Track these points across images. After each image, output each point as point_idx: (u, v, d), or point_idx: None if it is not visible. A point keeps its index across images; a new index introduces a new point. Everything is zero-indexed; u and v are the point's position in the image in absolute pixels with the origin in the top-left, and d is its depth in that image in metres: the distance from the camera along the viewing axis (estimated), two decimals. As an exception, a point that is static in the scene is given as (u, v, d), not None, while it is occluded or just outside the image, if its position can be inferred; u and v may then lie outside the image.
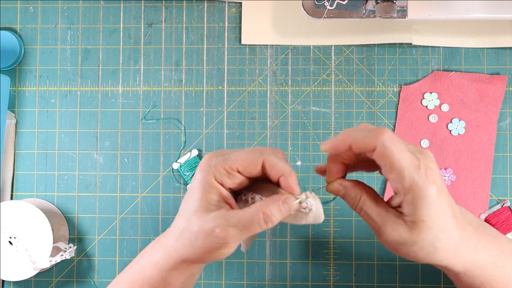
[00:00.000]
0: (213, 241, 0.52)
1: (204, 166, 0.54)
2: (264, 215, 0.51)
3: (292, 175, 0.53)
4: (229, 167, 0.53)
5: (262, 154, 0.53)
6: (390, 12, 0.69)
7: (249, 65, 0.80)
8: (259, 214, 0.51)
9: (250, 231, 0.52)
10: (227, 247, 0.52)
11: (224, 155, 0.54)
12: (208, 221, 0.52)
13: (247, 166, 0.53)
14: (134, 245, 0.79)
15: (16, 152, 0.81)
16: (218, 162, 0.53)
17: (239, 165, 0.53)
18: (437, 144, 0.78)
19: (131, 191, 0.80)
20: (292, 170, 0.53)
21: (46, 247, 0.74)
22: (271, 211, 0.52)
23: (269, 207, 0.52)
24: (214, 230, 0.51)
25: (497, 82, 0.78)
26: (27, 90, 0.81)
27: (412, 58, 0.79)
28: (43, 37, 0.81)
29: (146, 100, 0.80)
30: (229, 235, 0.51)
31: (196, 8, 0.81)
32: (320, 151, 0.79)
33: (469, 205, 0.77)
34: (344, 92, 0.79)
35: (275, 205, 0.52)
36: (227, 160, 0.53)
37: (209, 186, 0.53)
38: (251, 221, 0.51)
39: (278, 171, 0.53)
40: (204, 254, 0.53)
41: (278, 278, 0.78)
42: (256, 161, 0.53)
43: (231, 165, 0.53)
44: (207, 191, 0.53)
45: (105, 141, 0.80)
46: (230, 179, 0.53)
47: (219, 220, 0.51)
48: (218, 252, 0.52)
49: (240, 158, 0.53)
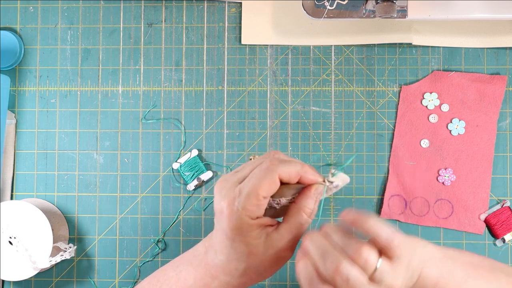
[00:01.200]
0: (279, 261, 0.55)
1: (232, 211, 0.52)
2: (306, 214, 0.54)
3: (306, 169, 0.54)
4: (256, 200, 0.52)
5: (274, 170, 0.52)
6: (390, 12, 0.69)
7: (249, 65, 0.80)
8: (302, 216, 0.54)
9: (302, 232, 0.54)
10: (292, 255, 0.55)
11: (242, 191, 0.52)
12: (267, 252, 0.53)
13: (268, 190, 0.52)
14: (134, 245, 0.79)
15: (16, 152, 0.81)
16: (244, 202, 0.51)
17: (262, 192, 0.52)
18: (437, 144, 0.78)
19: (131, 191, 0.80)
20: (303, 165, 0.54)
21: (46, 247, 0.74)
22: (309, 207, 0.54)
23: (306, 205, 0.54)
24: (278, 255, 0.54)
25: (497, 82, 0.78)
26: (27, 90, 0.81)
27: (412, 58, 0.79)
28: (43, 37, 0.81)
29: (146, 100, 0.80)
30: (291, 249, 0.54)
31: (196, 8, 0.81)
32: (320, 152, 0.79)
33: (469, 205, 0.77)
34: (344, 92, 0.79)
35: (309, 200, 0.54)
36: (250, 196, 0.51)
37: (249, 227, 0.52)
38: (300, 225, 0.54)
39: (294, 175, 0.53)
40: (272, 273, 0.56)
41: (278, 278, 0.78)
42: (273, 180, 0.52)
43: (256, 197, 0.51)
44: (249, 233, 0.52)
45: (105, 141, 0.80)
46: (261, 210, 0.53)
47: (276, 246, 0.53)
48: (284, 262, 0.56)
49: (259, 186, 0.51)
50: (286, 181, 0.53)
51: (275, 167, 0.52)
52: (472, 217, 0.77)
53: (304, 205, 0.54)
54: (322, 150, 0.79)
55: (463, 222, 0.77)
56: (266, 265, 0.54)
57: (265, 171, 0.52)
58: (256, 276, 0.55)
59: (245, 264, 0.54)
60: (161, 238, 0.79)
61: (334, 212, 0.78)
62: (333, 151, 0.79)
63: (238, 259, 0.54)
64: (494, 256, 0.77)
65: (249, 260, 0.54)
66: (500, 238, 0.77)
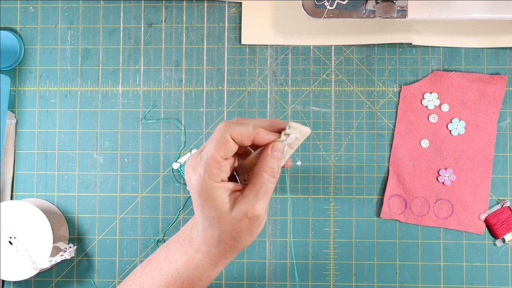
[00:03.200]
0: (252, 223, 0.56)
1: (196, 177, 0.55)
2: (267, 173, 0.55)
3: (258, 130, 0.55)
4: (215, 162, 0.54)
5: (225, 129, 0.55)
6: (390, 12, 0.69)
7: (249, 65, 0.80)
8: (263, 175, 0.55)
9: (269, 193, 0.56)
10: (264, 219, 0.56)
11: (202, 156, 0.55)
12: (237, 215, 0.55)
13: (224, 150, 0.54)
14: (134, 245, 0.79)
15: (16, 152, 0.81)
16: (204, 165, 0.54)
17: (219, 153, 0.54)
18: (437, 144, 0.78)
19: (131, 191, 0.80)
20: (255, 127, 0.55)
21: (46, 247, 0.74)
22: (269, 166, 0.55)
23: (265, 164, 0.55)
24: (247, 216, 0.55)
25: (497, 82, 0.78)
26: (27, 90, 0.81)
27: (412, 58, 0.79)
28: (43, 37, 0.81)
29: (146, 100, 0.80)
30: (259, 210, 0.55)
31: (196, 8, 0.81)
32: (320, 152, 0.79)
33: (469, 205, 0.77)
34: (344, 92, 0.79)
35: (268, 159, 0.55)
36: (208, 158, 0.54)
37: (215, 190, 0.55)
38: (264, 186, 0.55)
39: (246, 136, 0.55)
40: (251, 238, 0.57)
41: (278, 278, 0.78)
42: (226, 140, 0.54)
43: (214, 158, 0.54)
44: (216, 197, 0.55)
45: (105, 141, 0.80)
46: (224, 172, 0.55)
47: (243, 207, 0.55)
48: (259, 228, 0.57)
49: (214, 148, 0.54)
50: (239, 142, 0.55)
51: (226, 127, 0.55)
52: (472, 217, 0.77)
53: (263, 164, 0.55)
54: (322, 150, 0.79)
55: (463, 222, 0.77)
56: (238, 229, 0.55)
57: (217, 133, 0.55)
58: (233, 242, 0.57)
59: (218, 230, 0.56)
60: (161, 238, 0.79)
61: (334, 212, 0.78)
62: (333, 151, 0.79)
63: (211, 225, 0.56)
64: (494, 256, 0.77)
65: (220, 225, 0.56)
66: (500, 238, 0.77)
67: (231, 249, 0.58)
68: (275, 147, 0.55)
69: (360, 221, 0.78)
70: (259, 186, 0.55)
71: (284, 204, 0.79)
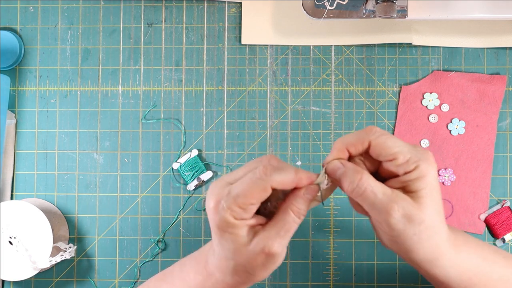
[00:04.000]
0: (267, 260, 0.54)
1: (218, 210, 0.53)
2: (293, 212, 0.53)
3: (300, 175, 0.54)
4: (243, 204, 0.52)
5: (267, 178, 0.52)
6: (390, 12, 0.69)
7: (249, 65, 0.80)
8: (289, 214, 0.53)
9: (290, 232, 0.54)
10: (280, 257, 0.54)
11: (231, 192, 0.53)
12: (253, 250, 0.53)
13: (257, 197, 0.52)
14: (134, 245, 0.79)
15: (16, 152, 0.81)
16: (230, 202, 0.52)
17: (250, 199, 0.52)
18: (437, 144, 0.78)
19: (131, 191, 0.80)
20: (297, 171, 0.54)
21: (46, 247, 0.74)
22: (297, 206, 0.53)
23: (294, 204, 0.54)
24: (263, 251, 0.53)
25: (497, 82, 0.78)
26: (27, 90, 0.81)
27: (412, 58, 0.79)
28: (43, 37, 0.81)
29: (146, 100, 0.80)
30: (277, 248, 0.53)
31: (196, 8, 0.81)
32: (320, 152, 0.79)
33: (469, 205, 0.77)
34: (344, 92, 0.79)
35: (298, 199, 0.54)
36: (237, 198, 0.52)
37: (234, 226, 0.53)
38: (288, 224, 0.53)
39: (289, 184, 0.53)
40: (265, 273, 0.56)
41: (278, 278, 0.78)
42: (264, 188, 0.52)
43: (243, 201, 0.52)
44: (235, 231, 0.53)
45: (105, 141, 0.80)
46: (248, 213, 0.53)
47: (261, 243, 0.53)
48: (275, 266, 0.55)
49: (248, 192, 0.52)
50: (281, 189, 0.53)
51: (268, 177, 0.52)
52: (472, 217, 0.77)
53: (292, 203, 0.54)
54: (322, 150, 0.79)
55: (463, 222, 0.77)
56: (254, 264, 0.54)
57: (257, 180, 0.52)
58: (247, 275, 0.55)
59: (233, 261, 0.55)
60: (161, 238, 0.79)
61: (334, 212, 0.78)
62: (333, 151, 0.79)
63: (227, 256, 0.55)
64: (494, 256, 0.77)
65: (236, 258, 0.54)
66: (500, 238, 0.77)
67: (244, 281, 0.56)
68: (309, 189, 0.54)
69: (360, 221, 0.78)
70: (282, 224, 0.53)
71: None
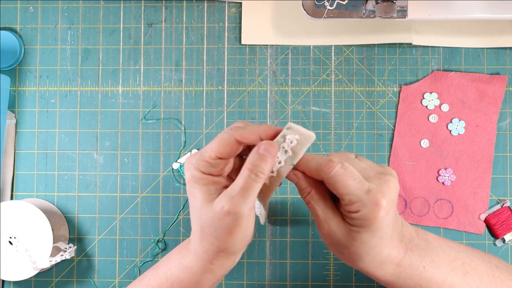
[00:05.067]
0: (229, 220, 0.53)
1: (188, 167, 0.56)
2: (249, 169, 0.53)
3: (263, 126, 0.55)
4: (209, 157, 0.55)
5: (231, 132, 0.55)
6: (390, 12, 0.69)
7: (249, 65, 0.80)
8: (245, 171, 0.53)
9: (251, 191, 0.53)
10: (243, 219, 0.54)
11: (201, 150, 0.56)
12: (215, 207, 0.54)
13: (222, 150, 0.55)
14: (134, 245, 0.79)
15: (16, 152, 0.81)
16: (198, 158, 0.55)
17: (216, 152, 0.55)
18: (437, 144, 0.78)
19: (131, 191, 0.80)
20: (259, 126, 0.55)
21: (46, 247, 0.74)
22: (253, 163, 0.53)
23: (250, 161, 0.54)
24: (223, 209, 0.53)
25: (497, 82, 0.78)
26: (27, 90, 0.81)
27: (412, 58, 0.79)
28: (43, 37, 0.81)
29: (146, 100, 0.80)
30: (237, 205, 0.53)
31: (196, 8, 0.81)
32: (320, 152, 0.79)
33: (469, 205, 0.77)
34: (344, 92, 0.79)
35: (254, 155, 0.54)
36: (204, 153, 0.55)
37: (200, 180, 0.55)
38: (245, 182, 0.53)
39: (253, 137, 0.55)
40: (230, 239, 0.55)
41: (278, 278, 0.78)
42: (228, 142, 0.55)
43: (209, 155, 0.55)
44: (201, 186, 0.55)
45: (105, 141, 0.80)
46: (216, 167, 0.55)
47: (221, 200, 0.54)
48: (241, 229, 0.54)
49: (213, 146, 0.55)
50: (247, 142, 0.55)
51: (232, 131, 0.55)
52: (472, 217, 0.77)
53: (248, 160, 0.54)
54: (322, 150, 0.79)
55: (463, 222, 0.77)
56: (218, 225, 0.54)
57: (222, 134, 0.55)
58: (213, 240, 0.55)
59: (199, 220, 0.55)
60: (161, 238, 0.79)
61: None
62: (333, 151, 0.79)
63: (195, 216, 0.56)
64: (494, 256, 0.77)
65: (202, 216, 0.55)
66: (500, 238, 0.77)
67: (212, 249, 0.56)
68: (263, 144, 0.54)
69: (360, 221, 0.78)
70: (240, 182, 0.53)
71: (284, 204, 0.79)
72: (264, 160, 0.53)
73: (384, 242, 0.55)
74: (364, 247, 0.55)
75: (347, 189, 0.54)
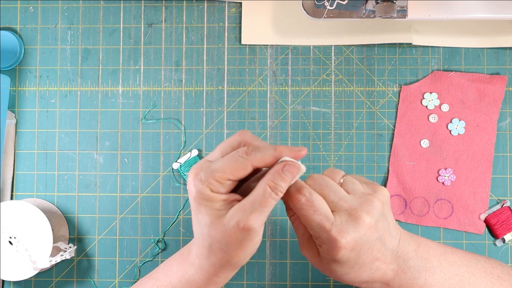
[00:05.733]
0: (242, 235, 0.53)
1: (195, 182, 0.54)
2: (270, 187, 0.53)
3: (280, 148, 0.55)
4: (220, 178, 0.53)
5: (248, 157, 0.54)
6: (390, 12, 0.69)
7: (249, 65, 0.80)
8: (266, 189, 0.53)
9: (267, 207, 0.53)
10: (256, 233, 0.54)
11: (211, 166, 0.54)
12: (228, 223, 0.53)
13: (236, 174, 0.53)
14: (134, 245, 0.79)
15: (16, 152, 0.81)
16: (207, 175, 0.53)
17: (229, 174, 0.53)
18: (437, 144, 0.78)
19: (131, 191, 0.80)
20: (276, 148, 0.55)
21: (46, 247, 0.74)
22: (275, 182, 0.53)
23: (272, 179, 0.53)
24: (239, 226, 0.53)
25: (497, 82, 0.78)
26: (27, 90, 0.81)
27: (412, 58, 0.79)
28: (43, 37, 0.81)
29: (146, 100, 0.80)
30: (252, 221, 0.53)
31: (196, 8, 0.81)
32: (320, 152, 0.79)
33: (469, 205, 0.77)
34: (344, 92, 0.79)
35: (276, 175, 0.54)
36: (215, 172, 0.53)
37: (210, 198, 0.53)
38: (263, 199, 0.53)
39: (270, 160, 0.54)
40: (241, 253, 0.55)
41: (278, 278, 0.78)
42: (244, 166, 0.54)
43: (221, 176, 0.53)
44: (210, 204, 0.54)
45: (105, 141, 0.80)
46: (225, 188, 0.54)
47: (236, 216, 0.53)
48: (252, 243, 0.54)
49: (227, 168, 0.53)
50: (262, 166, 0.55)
51: (249, 156, 0.54)
52: (472, 217, 0.77)
53: (269, 178, 0.53)
54: (322, 150, 0.79)
55: (463, 222, 0.77)
56: (229, 240, 0.54)
57: (239, 157, 0.54)
58: (222, 254, 0.55)
59: (208, 238, 0.54)
60: (161, 238, 0.79)
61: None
62: (333, 151, 0.79)
63: (203, 233, 0.55)
64: (494, 256, 0.77)
65: (211, 233, 0.54)
66: (500, 238, 0.77)
67: (221, 263, 0.56)
68: (289, 166, 0.54)
69: (360, 221, 0.78)
70: (258, 198, 0.53)
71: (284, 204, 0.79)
72: (285, 180, 0.54)
73: (357, 269, 0.57)
74: (336, 274, 0.58)
75: (310, 225, 0.55)
